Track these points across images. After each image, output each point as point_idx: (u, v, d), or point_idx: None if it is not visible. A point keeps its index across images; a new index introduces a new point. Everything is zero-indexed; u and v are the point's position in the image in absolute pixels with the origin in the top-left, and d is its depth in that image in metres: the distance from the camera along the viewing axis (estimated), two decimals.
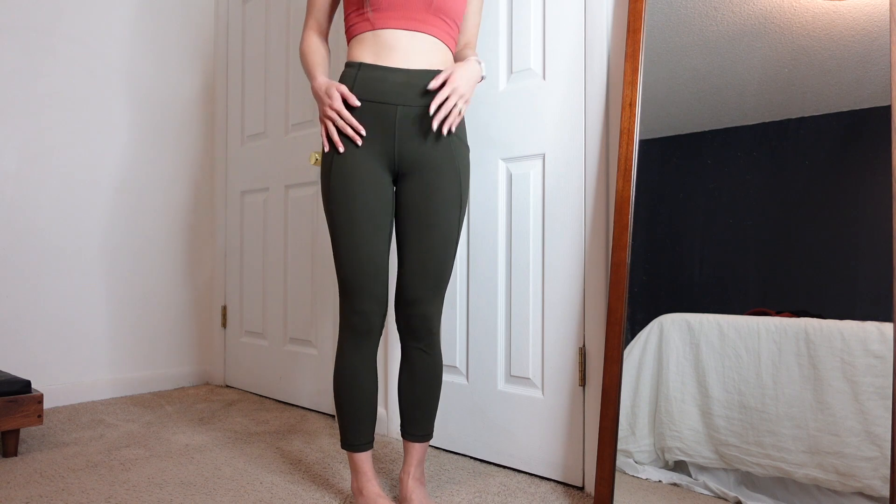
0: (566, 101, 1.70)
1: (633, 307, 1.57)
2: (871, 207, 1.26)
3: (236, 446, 1.96)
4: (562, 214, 1.70)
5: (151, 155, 2.75)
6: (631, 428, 1.55)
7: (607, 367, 1.50)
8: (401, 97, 1.40)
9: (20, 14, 2.37)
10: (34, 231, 2.40)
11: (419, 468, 1.52)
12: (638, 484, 1.50)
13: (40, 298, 2.41)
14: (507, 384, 1.82)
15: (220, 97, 2.93)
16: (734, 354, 1.40)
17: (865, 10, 1.29)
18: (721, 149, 1.48)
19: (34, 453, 1.86)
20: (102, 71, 2.59)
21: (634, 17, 1.56)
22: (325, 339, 2.40)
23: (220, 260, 2.92)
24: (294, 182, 2.55)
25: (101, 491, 1.58)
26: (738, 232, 1.43)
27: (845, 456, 1.25)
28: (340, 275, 1.43)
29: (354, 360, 1.45)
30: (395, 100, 1.40)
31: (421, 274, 1.44)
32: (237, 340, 2.83)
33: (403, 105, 1.40)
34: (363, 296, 1.41)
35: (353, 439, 1.47)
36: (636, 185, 1.54)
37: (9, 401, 1.77)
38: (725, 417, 1.41)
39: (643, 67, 1.56)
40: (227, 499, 1.54)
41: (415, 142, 1.41)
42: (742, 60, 1.44)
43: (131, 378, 2.67)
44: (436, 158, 1.43)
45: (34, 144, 2.40)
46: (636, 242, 1.55)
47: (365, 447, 1.48)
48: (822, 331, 1.29)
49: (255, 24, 2.76)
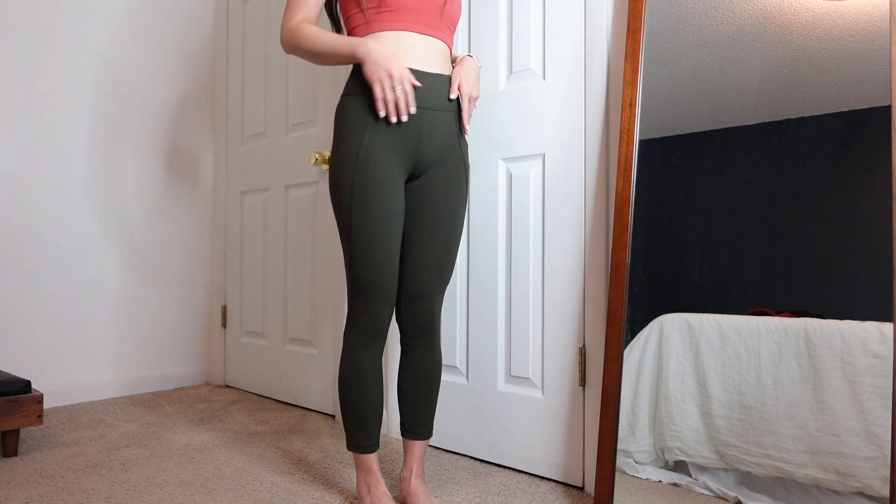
0: (566, 101, 1.70)
1: (633, 307, 1.57)
2: (871, 207, 1.26)
3: (236, 446, 1.96)
4: (562, 214, 1.70)
5: (150, 154, 2.75)
6: (631, 428, 1.55)
7: (607, 367, 1.50)
8: (427, 101, 1.41)
9: (20, 14, 2.37)
10: (34, 231, 2.40)
11: (421, 466, 1.53)
12: (638, 484, 1.50)
13: (40, 298, 2.41)
14: (506, 384, 1.82)
15: (220, 97, 2.93)
16: (734, 354, 1.40)
17: (865, 10, 1.29)
18: (721, 149, 1.48)
19: (34, 453, 1.86)
20: (101, 70, 2.59)
21: (634, 17, 1.56)
22: (325, 339, 2.40)
23: (220, 260, 2.92)
24: (294, 182, 2.55)
25: (101, 491, 1.58)
26: (738, 232, 1.43)
27: (845, 456, 1.25)
28: (354, 276, 1.41)
29: (364, 361, 1.44)
30: (422, 103, 1.41)
31: (432, 270, 1.46)
32: (237, 340, 2.83)
33: (431, 109, 1.42)
34: (378, 299, 1.41)
35: (363, 440, 1.47)
36: (636, 185, 1.54)
37: (9, 401, 1.77)
38: (725, 417, 1.41)
39: (643, 67, 1.56)
40: (227, 499, 1.54)
41: (435, 143, 1.44)
42: (742, 60, 1.44)
43: (131, 378, 2.67)
44: (451, 157, 1.47)
45: (34, 144, 2.40)
46: (636, 242, 1.55)
47: (375, 448, 1.48)
48: (822, 331, 1.29)
49: (255, 24, 2.76)
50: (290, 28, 1.42)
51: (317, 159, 2.33)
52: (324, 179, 2.42)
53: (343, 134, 1.41)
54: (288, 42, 1.43)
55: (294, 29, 1.42)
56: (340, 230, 1.42)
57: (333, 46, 1.36)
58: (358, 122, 1.39)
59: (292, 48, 1.42)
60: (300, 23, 1.42)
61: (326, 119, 2.41)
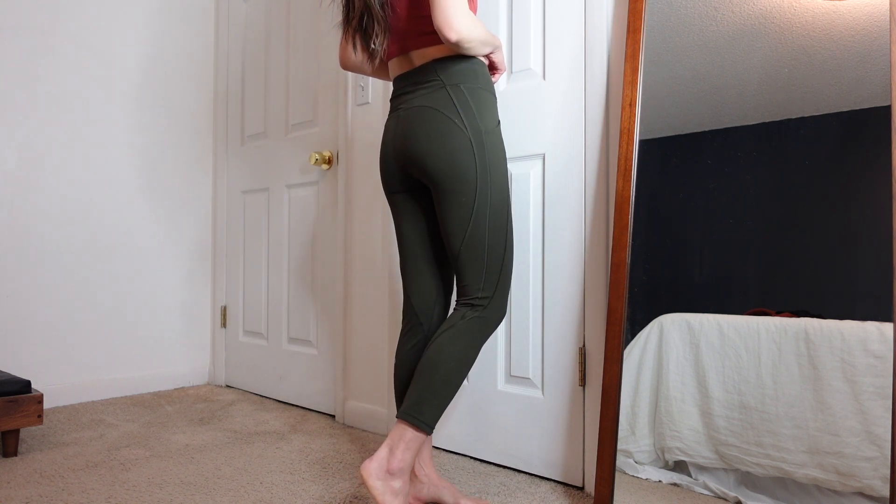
0: (566, 101, 1.70)
1: (633, 307, 1.57)
2: (871, 207, 1.26)
3: (236, 446, 1.96)
4: (562, 214, 1.70)
5: (151, 154, 2.75)
6: (631, 428, 1.55)
7: (607, 367, 1.50)
8: None
9: (20, 14, 2.37)
10: (34, 231, 2.40)
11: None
12: (638, 484, 1.50)
13: (40, 299, 2.41)
14: (507, 384, 1.82)
15: (221, 97, 2.93)
16: (734, 354, 1.40)
17: (865, 10, 1.29)
18: (721, 149, 1.48)
19: (34, 453, 1.86)
20: (102, 71, 2.59)
21: (634, 17, 1.56)
22: (325, 339, 2.40)
23: (220, 260, 2.92)
24: (294, 182, 2.55)
25: (101, 491, 1.58)
26: (738, 232, 1.43)
27: (845, 456, 1.25)
28: (506, 270, 1.41)
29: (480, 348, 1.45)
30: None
31: None
32: (237, 340, 2.83)
33: None
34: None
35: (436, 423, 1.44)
36: (636, 185, 1.54)
37: (9, 401, 1.77)
38: (725, 417, 1.41)
39: (643, 67, 1.56)
40: (227, 499, 1.54)
41: None
42: (742, 60, 1.44)
43: (131, 378, 2.67)
44: None
45: (34, 144, 2.40)
46: (636, 242, 1.55)
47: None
48: (822, 331, 1.29)
49: (256, 24, 2.76)
50: (470, 16, 1.30)
51: (317, 159, 2.33)
52: (324, 179, 2.42)
53: (493, 123, 1.39)
54: (470, 29, 1.29)
55: (474, 18, 1.31)
56: (493, 216, 1.37)
57: (490, 36, 1.38)
58: (496, 115, 1.42)
59: (468, 36, 1.29)
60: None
61: (326, 119, 2.41)
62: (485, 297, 1.37)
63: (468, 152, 1.35)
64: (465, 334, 1.36)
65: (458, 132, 1.35)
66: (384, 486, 1.28)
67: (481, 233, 1.36)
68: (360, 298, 2.23)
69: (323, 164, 2.35)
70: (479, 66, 1.40)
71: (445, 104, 1.37)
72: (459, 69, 1.39)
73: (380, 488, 1.27)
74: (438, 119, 1.37)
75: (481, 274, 1.37)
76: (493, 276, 1.38)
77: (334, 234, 2.37)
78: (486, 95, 1.40)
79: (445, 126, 1.36)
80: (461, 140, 1.35)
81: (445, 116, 1.36)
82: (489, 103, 1.40)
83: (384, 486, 1.28)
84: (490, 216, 1.36)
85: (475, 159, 1.35)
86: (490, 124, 1.38)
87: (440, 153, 1.36)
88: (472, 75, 1.39)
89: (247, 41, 2.81)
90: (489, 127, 1.38)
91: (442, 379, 1.34)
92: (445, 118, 1.36)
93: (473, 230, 1.36)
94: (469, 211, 1.36)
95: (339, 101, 2.32)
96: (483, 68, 1.41)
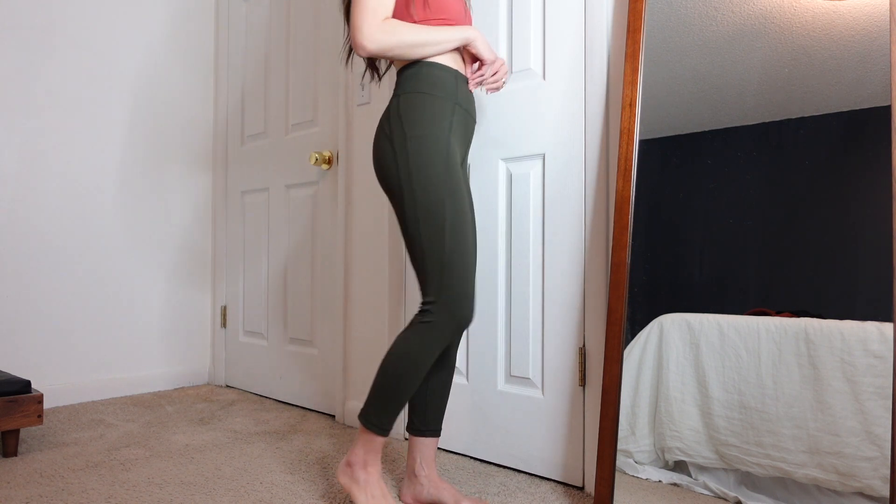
0: (566, 101, 1.70)
1: (633, 307, 1.57)
2: (871, 207, 1.26)
3: (236, 446, 1.96)
4: (562, 214, 1.70)
5: (151, 154, 2.75)
6: (631, 428, 1.55)
7: (607, 367, 1.50)
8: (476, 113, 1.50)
9: (20, 14, 2.37)
10: (34, 231, 2.40)
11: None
12: (638, 484, 1.50)
13: (40, 298, 2.41)
14: (507, 384, 1.82)
15: (221, 97, 2.93)
16: (734, 354, 1.40)
17: (865, 10, 1.29)
18: (721, 149, 1.48)
19: (34, 453, 1.86)
20: (102, 70, 2.59)
21: (634, 17, 1.56)
22: (325, 339, 2.40)
23: (221, 260, 2.92)
24: (294, 182, 2.55)
25: (101, 491, 1.58)
26: (738, 232, 1.43)
27: (845, 456, 1.25)
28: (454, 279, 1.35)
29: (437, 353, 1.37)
30: (475, 116, 1.51)
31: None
32: (237, 340, 2.83)
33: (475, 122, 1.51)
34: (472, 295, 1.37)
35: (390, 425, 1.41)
36: (636, 185, 1.54)
37: (9, 401, 1.77)
38: (725, 417, 1.41)
39: (643, 67, 1.56)
40: (227, 499, 1.54)
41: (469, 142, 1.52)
42: (742, 60, 1.44)
43: (131, 378, 2.67)
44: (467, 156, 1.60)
45: (34, 144, 2.40)
46: (636, 242, 1.55)
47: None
48: (822, 331, 1.29)
49: (256, 24, 2.76)
50: (378, 26, 1.34)
51: (317, 159, 2.33)
52: (324, 179, 2.42)
53: (424, 126, 1.36)
54: (381, 38, 1.34)
55: (386, 26, 1.34)
56: (424, 220, 1.34)
57: (443, 33, 1.38)
58: (441, 116, 1.37)
59: (385, 44, 1.34)
60: (388, 19, 1.36)
61: (326, 119, 2.41)
62: (428, 301, 1.35)
63: (390, 159, 1.37)
64: (411, 339, 1.36)
65: (384, 139, 1.39)
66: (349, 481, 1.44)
67: (416, 238, 1.36)
68: (360, 298, 2.23)
69: (323, 164, 2.35)
70: (426, 69, 1.39)
71: (386, 114, 1.42)
72: (405, 76, 1.43)
73: (345, 483, 1.44)
74: (378, 129, 1.43)
75: (424, 279, 1.36)
76: (435, 281, 1.34)
77: (334, 234, 2.37)
78: (420, 99, 1.38)
79: (378, 135, 1.42)
80: (384, 147, 1.39)
81: (381, 126, 1.42)
82: (422, 107, 1.37)
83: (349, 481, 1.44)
84: (423, 220, 1.34)
85: (397, 165, 1.36)
86: (420, 129, 1.36)
87: (373, 162, 1.44)
88: (412, 80, 1.40)
89: (247, 41, 2.81)
90: (418, 132, 1.35)
91: (381, 383, 1.39)
92: (380, 128, 1.42)
93: (409, 236, 1.37)
94: (402, 217, 1.38)
95: (339, 101, 2.32)
96: (431, 69, 1.39)
